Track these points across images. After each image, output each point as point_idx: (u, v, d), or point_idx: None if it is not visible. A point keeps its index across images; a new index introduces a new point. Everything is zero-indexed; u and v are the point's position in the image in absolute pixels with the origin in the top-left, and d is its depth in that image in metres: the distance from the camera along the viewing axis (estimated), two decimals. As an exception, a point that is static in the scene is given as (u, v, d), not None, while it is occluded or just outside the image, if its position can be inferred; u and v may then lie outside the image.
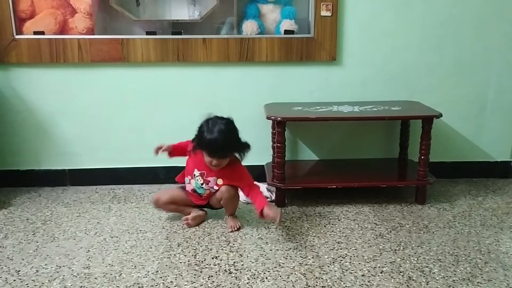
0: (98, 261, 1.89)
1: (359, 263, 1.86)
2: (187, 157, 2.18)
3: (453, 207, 2.39)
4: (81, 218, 2.29)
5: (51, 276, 1.78)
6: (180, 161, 2.23)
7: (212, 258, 1.90)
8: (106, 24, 2.59)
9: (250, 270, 1.81)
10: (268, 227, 2.17)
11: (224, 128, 1.98)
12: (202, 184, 2.12)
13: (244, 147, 2.06)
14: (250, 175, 2.14)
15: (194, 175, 2.12)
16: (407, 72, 2.62)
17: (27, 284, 1.73)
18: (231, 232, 2.13)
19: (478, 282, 1.73)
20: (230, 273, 1.80)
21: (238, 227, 2.15)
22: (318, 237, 2.08)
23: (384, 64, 2.61)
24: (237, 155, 2.09)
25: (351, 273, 1.79)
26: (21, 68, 2.53)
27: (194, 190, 2.16)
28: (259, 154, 2.55)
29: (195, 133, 2.06)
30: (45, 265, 1.86)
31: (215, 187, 2.13)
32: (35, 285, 1.72)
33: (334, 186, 2.38)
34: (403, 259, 1.89)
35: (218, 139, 1.96)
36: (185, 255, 1.93)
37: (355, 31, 2.55)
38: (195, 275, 1.78)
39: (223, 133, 1.97)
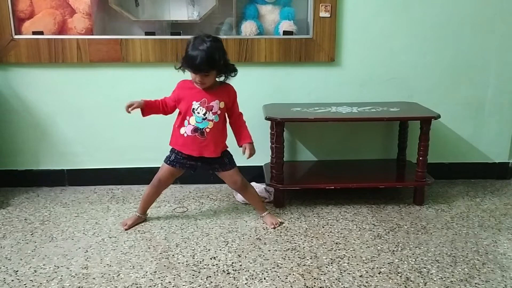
0: (96, 261, 1.89)
1: (357, 264, 1.86)
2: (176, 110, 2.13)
3: (451, 208, 2.40)
4: (80, 218, 2.29)
5: (49, 276, 1.78)
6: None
7: (211, 259, 1.90)
8: (105, 24, 2.59)
9: (248, 271, 1.81)
10: (266, 227, 2.17)
11: (208, 45, 1.94)
12: (205, 114, 2.04)
13: (230, 67, 2.04)
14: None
15: (193, 109, 2.04)
16: (406, 73, 2.63)
17: (25, 284, 1.73)
18: (273, 228, 2.15)
19: (475, 283, 1.74)
20: (228, 273, 1.80)
21: (278, 222, 2.18)
22: (316, 237, 2.08)
23: (383, 65, 2.61)
24: (223, 77, 2.08)
25: (349, 273, 1.79)
26: (19, 68, 2.53)
27: (195, 129, 2.05)
28: (257, 154, 2.53)
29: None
30: (43, 265, 1.86)
31: (219, 112, 2.06)
32: (33, 285, 1.72)
33: (333, 187, 2.39)
34: (401, 260, 1.89)
35: (200, 55, 1.92)
36: (183, 256, 1.93)
37: (354, 32, 2.55)
38: (193, 275, 1.78)
39: (206, 49, 1.93)
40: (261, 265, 1.85)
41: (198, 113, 2.04)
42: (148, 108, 2.10)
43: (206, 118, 2.05)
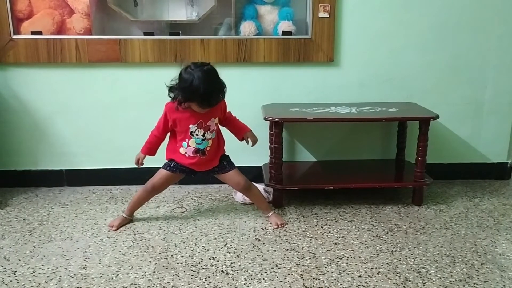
0: (95, 261, 1.89)
1: (356, 264, 1.86)
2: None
3: (449, 208, 2.40)
4: (78, 219, 2.28)
5: (47, 276, 1.78)
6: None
7: (209, 259, 1.90)
8: (103, 24, 2.59)
9: (247, 271, 1.81)
10: (265, 228, 2.17)
11: (211, 76, 1.90)
12: (204, 134, 2.04)
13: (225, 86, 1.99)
14: None
15: (191, 132, 2.03)
16: (405, 73, 2.63)
17: (23, 284, 1.73)
18: (276, 228, 2.15)
19: (474, 283, 1.74)
20: (227, 274, 1.80)
21: (282, 223, 2.17)
22: (315, 238, 2.08)
23: (382, 65, 2.61)
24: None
25: (348, 274, 1.79)
26: (18, 68, 2.53)
27: (196, 151, 2.07)
28: (256, 155, 2.55)
29: (174, 86, 1.97)
30: (42, 265, 1.86)
31: (215, 128, 2.08)
32: (31, 286, 1.72)
33: (332, 187, 2.39)
34: (400, 260, 1.89)
35: (213, 89, 1.89)
36: (182, 256, 1.93)
37: (353, 32, 2.56)
38: (192, 275, 1.78)
39: (214, 81, 1.91)
40: (260, 266, 1.85)
41: (197, 135, 2.05)
42: (151, 153, 2.16)
43: (205, 138, 2.06)
